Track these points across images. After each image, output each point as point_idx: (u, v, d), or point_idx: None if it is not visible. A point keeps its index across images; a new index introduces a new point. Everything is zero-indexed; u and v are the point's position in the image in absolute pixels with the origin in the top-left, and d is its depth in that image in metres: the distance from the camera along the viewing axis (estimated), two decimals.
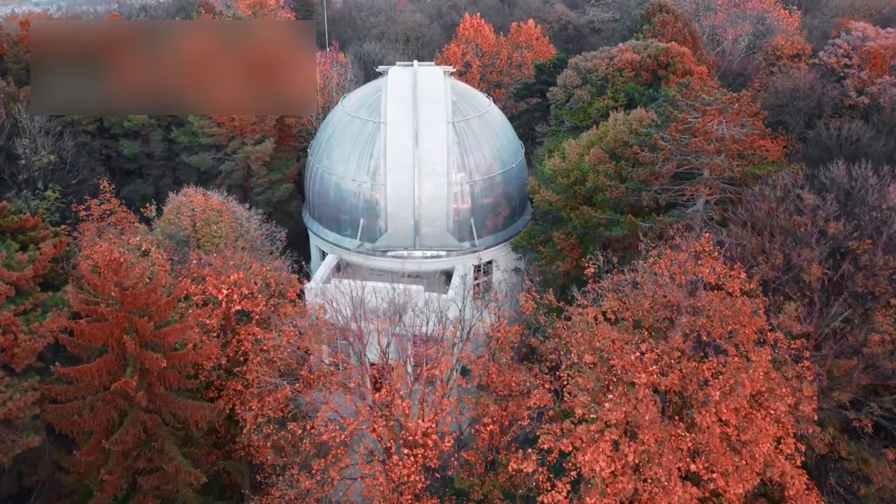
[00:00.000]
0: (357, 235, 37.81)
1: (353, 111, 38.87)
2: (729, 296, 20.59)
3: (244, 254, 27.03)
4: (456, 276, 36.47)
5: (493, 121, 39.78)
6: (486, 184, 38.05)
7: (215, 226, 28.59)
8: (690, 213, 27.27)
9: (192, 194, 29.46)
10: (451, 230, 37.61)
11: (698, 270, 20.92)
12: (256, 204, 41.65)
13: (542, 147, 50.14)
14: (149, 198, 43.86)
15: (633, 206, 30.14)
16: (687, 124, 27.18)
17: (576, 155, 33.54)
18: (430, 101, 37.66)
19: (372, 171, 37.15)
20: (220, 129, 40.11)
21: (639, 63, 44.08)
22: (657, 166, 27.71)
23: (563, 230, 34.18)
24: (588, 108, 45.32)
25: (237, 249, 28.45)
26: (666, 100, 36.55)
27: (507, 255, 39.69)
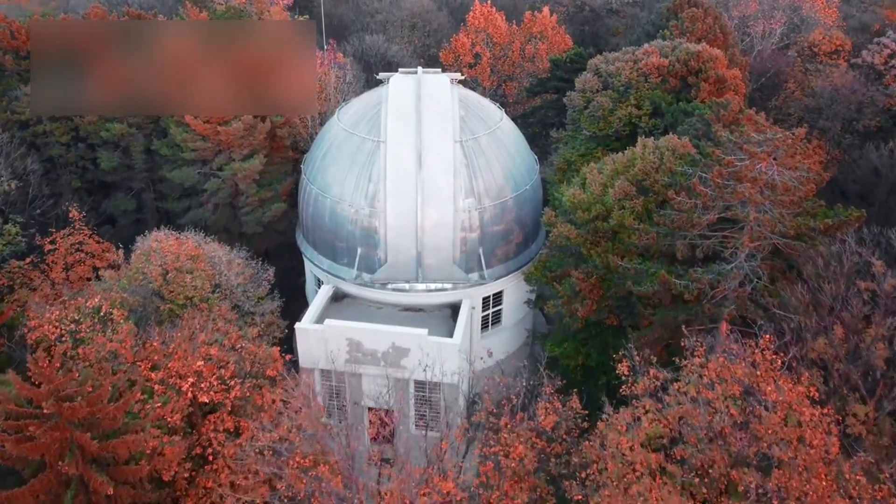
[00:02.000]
0: (354, 265, 34.36)
1: (350, 126, 35.08)
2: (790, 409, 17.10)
3: (218, 321, 23.67)
4: (463, 313, 33.02)
5: (505, 137, 35.94)
6: (497, 209, 34.38)
7: (189, 276, 25.18)
8: (733, 271, 23.61)
9: (163, 239, 26.01)
10: (458, 261, 34.08)
11: (756, 382, 17.39)
12: (246, 223, 38.28)
13: (557, 154, 46.33)
14: (130, 213, 40.61)
15: (665, 254, 26.48)
16: (732, 168, 23.37)
17: (598, 186, 29.80)
18: (435, 118, 33.83)
19: (370, 195, 33.51)
20: (204, 142, 36.45)
21: (666, 68, 39.97)
22: (695, 215, 23.99)
23: (582, 269, 30.60)
24: (609, 116, 41.38)
25: (213, 304, 25.12)
26: (700, 120, 32.62)
27: (519, 283, 36.19)
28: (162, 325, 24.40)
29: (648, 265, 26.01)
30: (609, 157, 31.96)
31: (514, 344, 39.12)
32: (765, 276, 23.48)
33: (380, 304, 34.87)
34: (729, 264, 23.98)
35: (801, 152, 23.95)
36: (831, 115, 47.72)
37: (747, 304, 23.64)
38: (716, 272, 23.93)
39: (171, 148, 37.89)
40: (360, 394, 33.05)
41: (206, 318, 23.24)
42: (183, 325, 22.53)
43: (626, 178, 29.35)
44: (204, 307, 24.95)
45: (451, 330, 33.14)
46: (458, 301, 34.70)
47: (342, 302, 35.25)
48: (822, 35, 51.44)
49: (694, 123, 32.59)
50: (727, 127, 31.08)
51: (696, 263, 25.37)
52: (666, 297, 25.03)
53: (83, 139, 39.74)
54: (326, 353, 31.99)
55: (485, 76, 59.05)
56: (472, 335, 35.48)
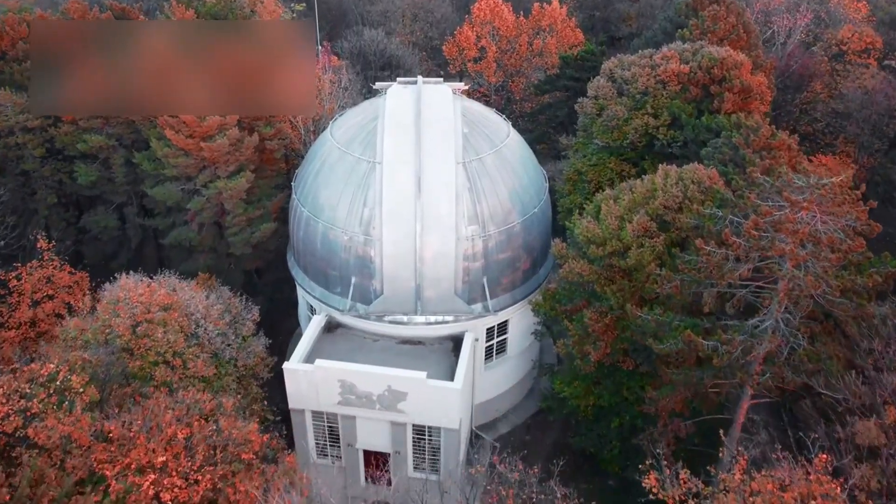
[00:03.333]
0: (348, 295, 31.82)
1: (343, 144, 32.29)
2: None
3: (190, 387, 21.22)
4: (465, 352, 30.53)
5: (512, 155, 33.10)
6: (503, 236, 31.70)
7: (162, 329, 22.68)
8: (767, 332, 20.97)
9: (132, 287, 23.45)
10: (460, 292, 31.51)
11: None
12: (233, 244, 35.70)
13: (567, 162, 43.52)
14: (111, 230, 38.08)
15: (689, 303, 23.85)
16: (770, 217, 20.62)
17: (614, 219, 27.06)
18: (436, 137, 31.00)
19: (365, 221, 30.84)
20: (187, 158, 33.71)
21: (687, 75, 36.94)
22: (725, 268, 21.31)
23: (595, 307, 28.01)
24: (624, 126, 38.54)
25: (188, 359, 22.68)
26: (727, 143, 29.74)
27: (527, 311, 33.62)
28: (131, 383, 22.02)
29: (670, 316, 23.39)
30: (626, 185, 29.17)
31: (518, 373, 36.73)
32: (804, 339, 20.86)
33: (376, 335, 32.42)
34: (763, 322, 21.34)
35: (849, 200, 21.12)
36: (861, 119, 44.70)
37: (785, 373, 21.10)
38: (748, 332, 21.31)
39: (153, 162, 35.19)
40: (354, 436, 30.75)
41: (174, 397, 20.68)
42: (148, 404, 20.03)
43: (646, 212, 26.61)
44: (178, 363, 22.53)
45: (452, 366, 30.74)
46: (460, 333, 32.24)
47: (335, 332, 32.79)
48: (851, 32, 48.10)
49: (720, 147, 29.72)
50: (757, 153, 28.32)
51: (725, 316, 22.73)
52: (691, 356, 22.48)
53: (59, 151, 37.07)
54: (317, 394, 29.65)
55: (490, 71, 55.94)
56: (475, 367, 33.06)
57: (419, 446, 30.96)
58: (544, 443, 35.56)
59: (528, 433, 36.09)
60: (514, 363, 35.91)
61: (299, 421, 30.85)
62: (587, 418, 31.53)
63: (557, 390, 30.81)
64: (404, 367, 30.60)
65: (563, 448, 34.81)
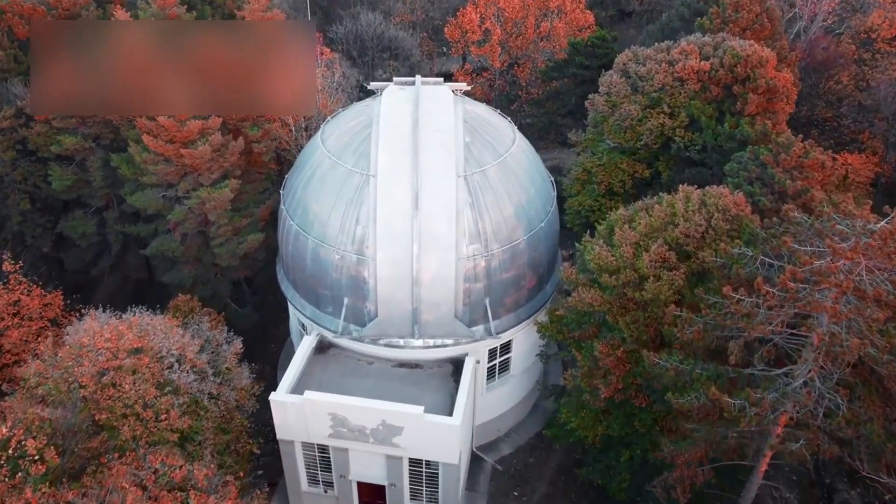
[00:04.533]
0: (341, 315, 29.67)
1: (335, 153, 29.77)
2: None
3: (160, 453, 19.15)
4: (465, 381, 28.47)
5: (518, 165, 30.55)
6: (507, 254, 29.37)
7: (131, 378, 20.54)
8: (801, 392, 18.78)
9: (98, 332, 21.19)
10: (461, 314, 29.33)
11: None
12: (219, 255, 33.44)
13: (576, 160, 40.95)
14: (90, 235, 35.81)
15: (712, 349, 21.64)
16: (808, 267, 18.26)
17: (629, 247, 24.69)
18: (435, 148, 28.47)
19: (358, 240, 28.52)
20: (167, 165, 31.26)
21: (707, 73, 34.18)
22: (755, 321, 19.05)
23: (607, 339, 25.85)
24: (638, 127, 35.97)
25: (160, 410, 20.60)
26: (754, 160, 27.19)
27: (531, 331, 31.50)
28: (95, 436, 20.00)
29: (691, 364, 21.20)
30: (642, 204, 26.71)
31: (522, 391, 34.78)
32: (844, 403, 18.67)
33: (371, 357, 30.37)
34: (795, 376, 19.15)
35: None
36: (890, 115, 41.85)
37: (821, 440, 18.99)
38: (780, 391, 19.13)
39: (132, 166, 32.72)
40: (346, 468, 28.92)
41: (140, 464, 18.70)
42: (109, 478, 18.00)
43: (665, 240, 24.23)
44: (149, 415, 20.49)
45: (452, 394, 28.77)
46: (460, 355, 30.17)
47: (327, 354, 30.73)
48: (882, 18, 44.89)
49: (745, 163, 27.17)
50: (788, 172, 25.80)
51: (753, 365, 20.54)
52: (714, 412, 20.36)
53: (31, 153, 34.58)
54: (306, 426, 27.71)
55: (494, 56, 52.90)
56: (476, 389, 31.05)
57: (416, 478, 29.15)
58: (548, 465, 33.77)
59: (532, 454, 34.27)
60: (518, 381, 33.93)
61: (288, 451, 28.99)
62: (595, 447, 29.61)
63: (564, 420, 28.81)
64: (401, 393, 28.80)
65: (569, 471, 33.06)
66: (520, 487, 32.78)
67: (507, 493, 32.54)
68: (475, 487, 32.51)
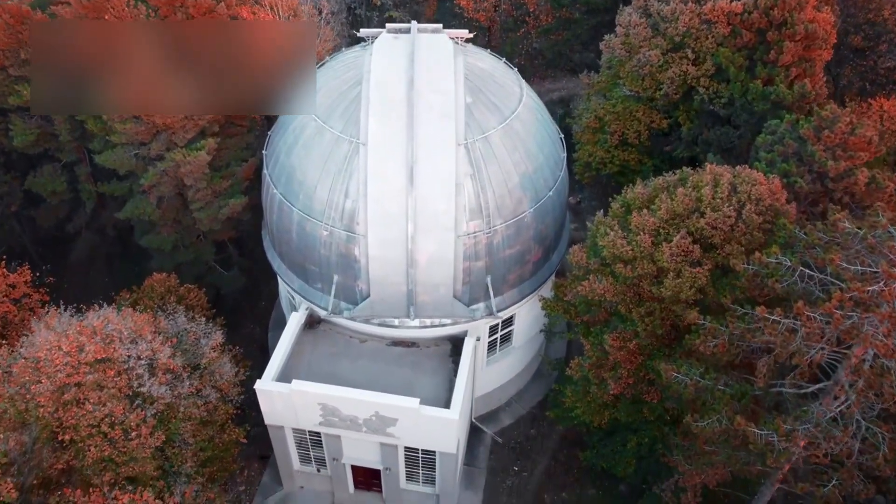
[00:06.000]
0: (331, 292, 27.52)
1: (321, 115, 26.66)
2: None
3: (126, 493, 17.37)
4: (464, 365, 26.64)
5: (525, 128, 27.46)
6: (511, 229, 26.85)
7: (96, 394, 18.53)
8: (838, 429, 16.83)
9: (57, 344, 18.83)
10: (460, 294, 27.16)
11: None
12: (199, 220, 30.94)
13: (587, 106, 37.57)
14: (61, 193, 33.20)
15: (738, 364, 19.58)
16: (856, 294, 15.85)
17: (648, 235, 22.15)
18: (433, 113, 25.35)
19: (348, 215, 25.95)
20: (136, 124, 28.22)
21: (739, 17, 30.42)
22: (791, 346, 16.85)
23: (618, 331, 23.79)
24: (658, 74, 32.56)
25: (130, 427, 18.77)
26: (791, 133, 24.14)
27: (535, 302, 29.46)
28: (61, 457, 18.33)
29: (712, 380, 19.20)
30: (663, 182, 23.95)
31: (524, 360, 33.13)
32: (885, 442, 16.75)
33: (364, 335, 28.48)
34: (830, 408, 17.18)
35: None
36: None
37: (855, 478, 17.21)
38: (813, 422, 17.19)
39: (99, 122, 29.66)
40: (340, 452, 27.62)
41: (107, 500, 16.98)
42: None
43: (688, 231, 21.67)
44: (117, 433, 18.70)
45: (450, 376, 27.12)
46: (459, 333, 28.27)
47: (318, 330, 28.83)
48: None
49: (781, 136, 24.13)
50: (830, 150, 22.86)
51: (782, 383, 18.54)
52: (736, 438, 18.51)
53: None
54: (296, 415, 26.17)
55: None
56: (476, 365, 29.36)
57: (412, 462, 27.92)
58: (550, 437, 32.58)
59: (533, 425, 33.03)
60: (520, 352, 32.20)
61: (278, 435, 27.62)
62: (601, 428, 28.18)
63: (569, 405, 27.23)
64: (396, 376, 27.13)
65: (571, 444, 31.88)
66: (520, 461, 31.70)
67: (507, 467, 31.48)
68: (474, 462, 31.42)
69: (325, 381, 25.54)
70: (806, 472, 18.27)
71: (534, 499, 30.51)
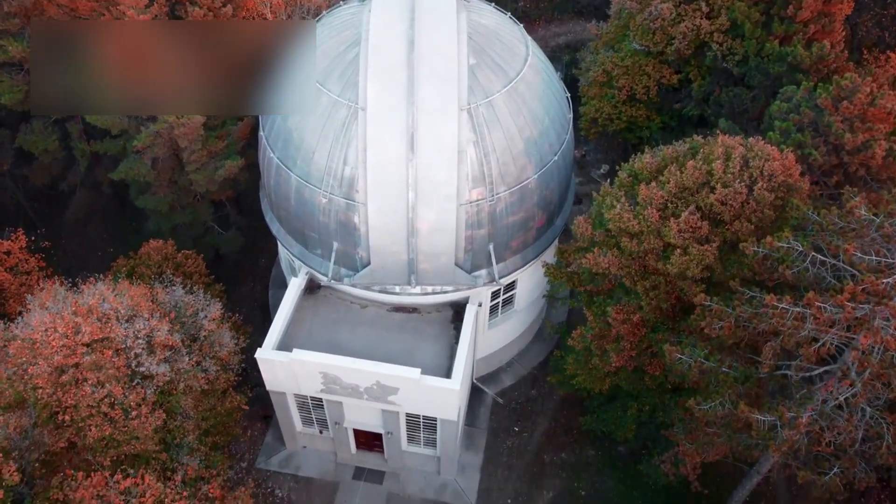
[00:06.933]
0: (330, 258, 27.12)
1: (318, 76, 25.64)
2: None
3: (128, 477, 17.33)
4: (465, 333, 26.47)
5: (531, 91, 26.42)
6: (515, 196, 26.20)
7: (94, 375, 18.36)
8: (843, 417, 16.66)
9: (53, 326, 18.47)
10: (461, 262, 26.75)
11: None
12: (195, 182, 30.29)
13: (594, 58, 36.26)
14: (53, 151, 32.46)
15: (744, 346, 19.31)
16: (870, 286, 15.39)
17: (655, 210, 21.54)
18: (434, 76, 24.30)
19: (347, 182, 25.27)
20: None
21: None
22: (799, 334, 16.54)
23: (621, 304, 23.49)
24: (670, 28, 31.34)
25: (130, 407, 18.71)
26: (808, 101, 23.16)
27: (538, 268, 29.11)
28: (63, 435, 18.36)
29: (716, 362, 18.98)
30: (672, 154, 23.13)
31: (526, 321, 33.01)
32: (889, 432, 16.60)
33: (365, 301, 28.24)
34: (835, 395, 17.00)
35: None
36: None
37: (857, 468, 17.14)
38: (817, 410, 17.03)
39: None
40: (342, 417, 27.79)
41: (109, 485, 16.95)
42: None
43: (697, 206, 21.06)
44: (117, 413, 18.64)
45: (451, 344, 27.02)
46: (460, 300, 28.02)
47: (318, 295, 28.58)
48: None
49: (797, 104, 23.16)
50: (848, 121, 21.98)
51: (787, 366, 18.33)
52: (739, 422, 18.40)
53: None
54: (297, 382, 26.19)
55: None
56: (478, 329, 29.24)
57: (413, 427, 28.13)
58: (551, 398, 32.77)
59: (534, 386, 33.19)
60: (523, 314, 32.03)
61: (280, 401, 27.77)
62: (601, 394, 28.26)
63: (570, 373, 27.20)
64: (397, 342, 27.04)
65: (571, 405, 32.10)
66: (521, 422, 31.98)
67: (507, 428, 31.79)
68: (475, 423, 31.72)
69: (326, 349, 25.50)
70: (808, 459, 18.24)
71: (533, 459, 30.90)
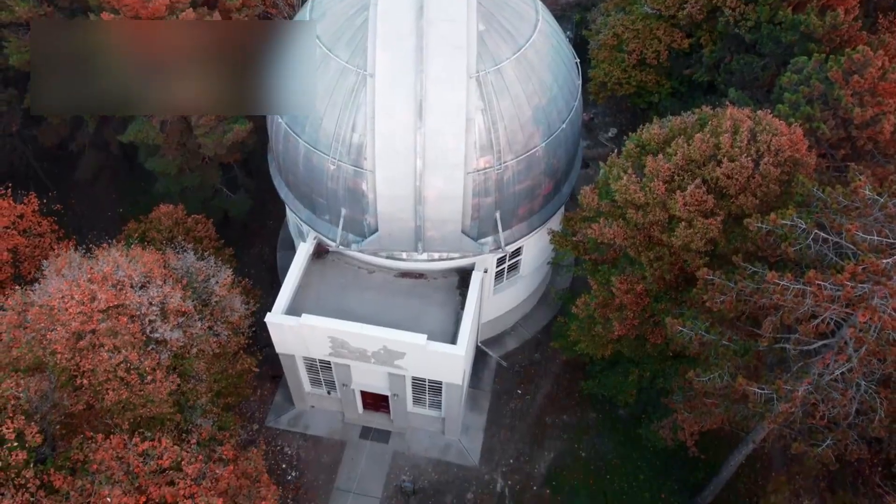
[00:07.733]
0: (339, 224, 27.43)
1: (326, 42, 25.51)
2: None
3: (145, 441, 17.96)
4: (471, 299, 26.91)
5: (539, 58, 26.24)
6: (523, 164, 26.31)
7: (111, 340, 18.87)
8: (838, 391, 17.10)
9: (69, 293, 18.86)
10: (468, 229, 27.02)
11: None
12: (204, 146, 30.45)
13: (604, 21, 35.80)
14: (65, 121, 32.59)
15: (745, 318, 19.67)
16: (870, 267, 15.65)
17: (661, 182, 21.66)
18: (443, 43, 24.16)
19: (355, 148, 25.39)
20: None
21: None
22: (799, 311, 16.88)
23: (625, 274, 23.80)
24: None
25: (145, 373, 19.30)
26: (818, 73, 22.99)
27: (544, 235, 29.38)
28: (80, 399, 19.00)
29: (717, 335, 19.40)
30: (680, 124, 23.12)
31: (531, 286, 33.42)
32: (883, 407, 17.04)
33: (372, 266, 28.64)
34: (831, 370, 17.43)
35: None
36: None
37: (849, 440, 17.64)
38: (814, 383, 17.48)
39: None
40: (349, 379, 28.49)
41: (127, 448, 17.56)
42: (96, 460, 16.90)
43: (703, 179, 21.18)
44: (133, 378, 19.23)
45: (457, 309, 27.51)
46: (467, 266, 28.40)
47: (326, 260, 28.99)
48: None
49: (807, 76, 23.00)
50: (858, 95, 21.89)
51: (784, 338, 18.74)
52: (736, 394, 18.89)
53: None
54: (306, 345, 26.80)
55: None
56: (483, 295, 29.68)
57: (419, 390, 28.83)
58: (554, 362, 33.40)
59: (538, 349, 33.79)
60: (528, 279, 32.44)
61: (289, 363, 28.44)
62: (603, 360, 28.82)
63: (573, 339, 27.69)
64: (403, 307, 27.53)
65: (574, 369, 32.74)
66: (524, 385, 32.68)
67: (510, 391, 32.49)
68: (479, 385, 32.44)
69: (334, 314, 26.01)
70: (802, 430, 18.77)
71: (535, 420, 31.68)
